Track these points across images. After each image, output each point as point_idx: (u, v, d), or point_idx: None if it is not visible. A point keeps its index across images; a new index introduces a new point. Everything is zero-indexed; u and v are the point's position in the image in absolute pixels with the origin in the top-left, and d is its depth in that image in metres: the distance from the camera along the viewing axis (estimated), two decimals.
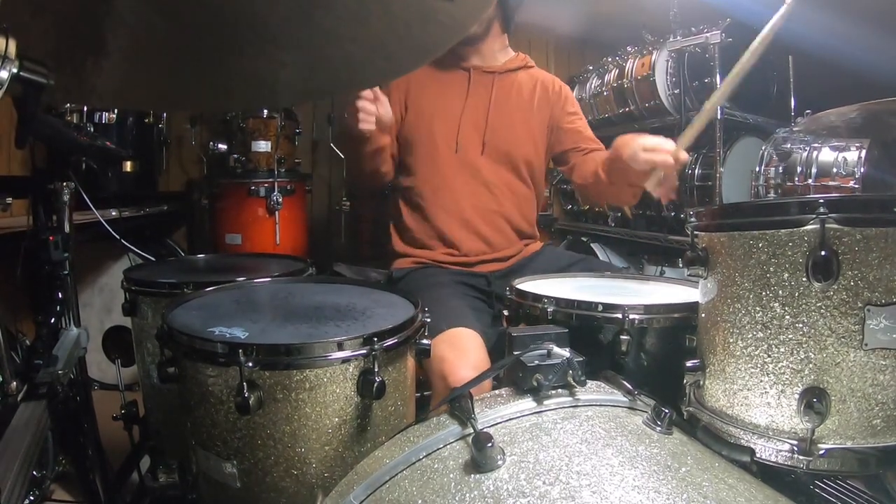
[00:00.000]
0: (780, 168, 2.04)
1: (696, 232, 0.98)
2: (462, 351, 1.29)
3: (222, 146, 2.68)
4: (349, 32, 0.87)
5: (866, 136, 1.76)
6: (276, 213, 2.59)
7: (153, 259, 2.21)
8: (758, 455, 0.84)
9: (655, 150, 1.33)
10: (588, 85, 3.18)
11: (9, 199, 1.40)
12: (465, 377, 1.21)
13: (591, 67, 3.23)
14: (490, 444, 0.61)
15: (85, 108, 2.20)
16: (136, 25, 0.81)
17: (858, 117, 1.35)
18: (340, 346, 0.86)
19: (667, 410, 0.70)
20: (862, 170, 1.80)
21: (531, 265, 1.69)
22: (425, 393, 1.50)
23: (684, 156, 1.31)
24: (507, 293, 1.29)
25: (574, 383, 0.73)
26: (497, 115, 1.70)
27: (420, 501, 0.60)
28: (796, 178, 1.98)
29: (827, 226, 0.78)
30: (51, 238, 1.19)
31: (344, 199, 3.03)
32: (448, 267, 1.66)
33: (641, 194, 1.50)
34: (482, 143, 1.69)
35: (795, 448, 0.81)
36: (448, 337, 1.32)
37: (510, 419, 0.69)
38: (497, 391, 0.76)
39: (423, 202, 1.70)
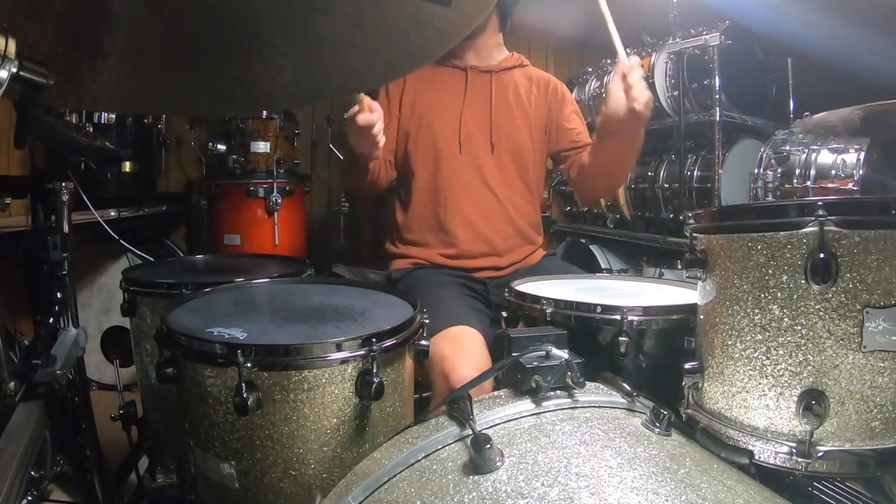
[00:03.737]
0: (779, 170, 2.04)
1: (694, 234, 0.98)
2: (463, 349, 1.28)
3: (221, 147, 2.68)
4: (345, 37, 0.87)
5: (865, 135, 1.76)
6: (275, 213, 2.59)
7: (152, 259, 2.21)
8: (756, 457, 0.84)
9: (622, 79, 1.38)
10: (587, 86, 3.18)
11: (8, 199, 1.40)
12: (465, 375, 1.21)
13: (590, 69, 3.23)
14: (489, 446, 0.61)
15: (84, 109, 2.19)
16: (134, 29, 0.81)
17: (858, 119, 1.35)
18: (339, 347, 0.86)
19: (665, 412, 0.70)
20: (861, 172, 1.80)
21: (529, 275, 1.68)
22: (424, 394, 1.50)
23: (632, 61, 1.38)
24: (507, 294, 1.29)
25: (573, 385, 0.73)
26: (499, 114, 1.69)
27: (418, 503, 0.60)
28: (795, 181, 1.98)
29: (826, 228, 0.79)
30: (49, 238, 1.19)
31: (343, 199, 3.03)
32: (446, 269, 1.66)
33: (639, 149, 1.53)
34: (490, 144, 1.67)
35: (794, 450, 0.81)
36: (448, 335, 1.31)
37: (509, 420, 0.69)
38: (496, 392, 0.76)
39: (423, 202, 1.68)
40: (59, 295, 1.22)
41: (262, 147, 2.64)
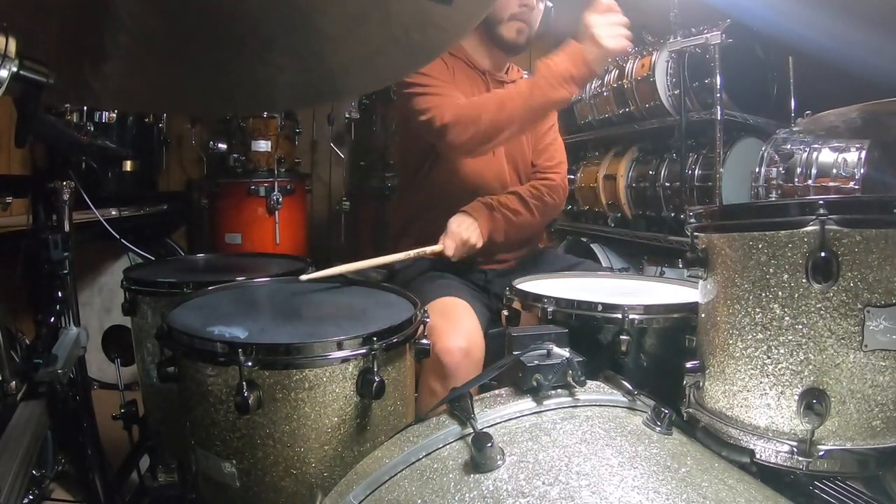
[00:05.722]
0: (780, 169, 2.04)
1: (695, 233, 0.98)
2: (453, 320, 1.29)
3: (222, 146, 2.68)
4: (347, 37, 0.87)
5: (866, 136, 1.76)
6: (276, 212, 2.60)
7: (153, 258, 2.22)
8: (757, 456, 0.84)
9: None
10: (588, 85, 3.18)
11: (9, 199, 1.40)
12: (455, 346, 1.22)
13: None
14: (490, 445, 0.61)
15: (85, 108, 2.19)
16: (135, 29, 0.80)
17: (859, 118, 1.35)
18: (340, 346, 0.86)
19: (667, 411, 0.70)
20: (862, 171, 1.80)
21: (530, 266, 1.69)
22: None
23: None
24: (507, 293, 1.29)
25: (574, 383, 0.73)
26: None
27: (419, 501, 0.60)
28: (796, 179, 1.98)
29: (827, 227, 0.78)
30: (50, 237, 1.19)
31: (344, 198, 3.03)
32: (449, 261, 1.67)
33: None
34: (503, 152, 1.69)
35: (795, 449, 0.81)
36: (439, 305, 1.32)
37: (510, 419, 0.69)
38: (497, 391, 0.76)
39: (436, 204, 1.66)
40: (60, 294, 1.23)
41: (262, 146, 2.64)
